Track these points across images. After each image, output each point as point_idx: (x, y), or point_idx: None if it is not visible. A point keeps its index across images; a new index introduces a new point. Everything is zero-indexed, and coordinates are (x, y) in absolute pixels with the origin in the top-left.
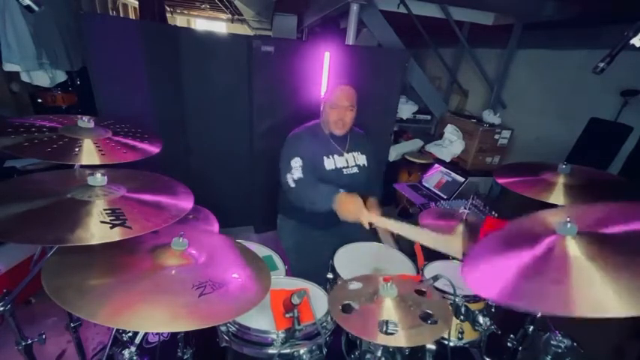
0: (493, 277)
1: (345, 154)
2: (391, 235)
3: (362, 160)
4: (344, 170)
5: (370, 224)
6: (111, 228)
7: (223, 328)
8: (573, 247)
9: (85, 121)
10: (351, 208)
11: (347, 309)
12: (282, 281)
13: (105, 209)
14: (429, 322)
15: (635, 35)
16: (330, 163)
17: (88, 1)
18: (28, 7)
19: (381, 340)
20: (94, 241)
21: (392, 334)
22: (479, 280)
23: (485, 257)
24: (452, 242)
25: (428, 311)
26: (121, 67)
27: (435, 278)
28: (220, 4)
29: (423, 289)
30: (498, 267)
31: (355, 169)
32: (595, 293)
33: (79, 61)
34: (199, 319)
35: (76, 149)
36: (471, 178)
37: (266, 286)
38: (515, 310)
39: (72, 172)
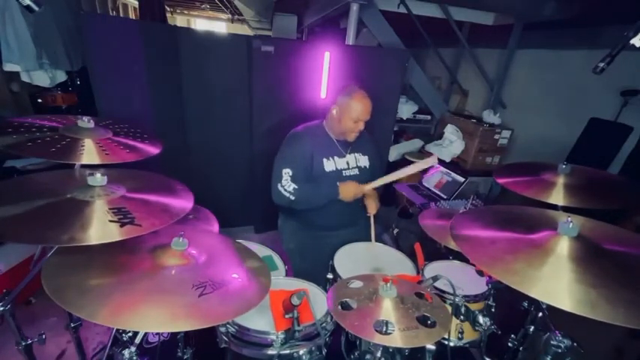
0: (479, 239)
1: (347, 155)
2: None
3: (363, 161)
4: (344, 172)
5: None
6: (121, 226)
7: (223, 329)
8: (566, 246)
9: (85, 122)
10: (351, 189)
11: (345, 307)
12: (281, 282)
13: (110, 208)
14: (427, 324)
15: (635, 35)
16: (330, 164)
17: (88, 1)
18: (28, 7)
19: (378, 339)
20: (106, 240)
21: (389, 334)
22: (465, 237)
23: (480, 222)
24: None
25: (426, 314)
26: (121, 67)
27: (435, 278)
28: (220, 4)
29: (423, 292)
30: (488, 235)
31: (355, 171)
32: (563, 286)
33: (79, 61)
34: (199, 319)
35: (80, 149)
36: (471, 178)
37: (266, 286)
38: (516, 310)
39: (72, 172)
